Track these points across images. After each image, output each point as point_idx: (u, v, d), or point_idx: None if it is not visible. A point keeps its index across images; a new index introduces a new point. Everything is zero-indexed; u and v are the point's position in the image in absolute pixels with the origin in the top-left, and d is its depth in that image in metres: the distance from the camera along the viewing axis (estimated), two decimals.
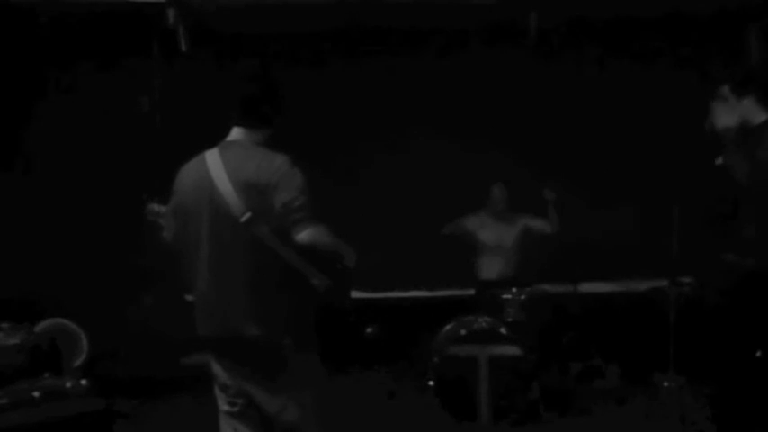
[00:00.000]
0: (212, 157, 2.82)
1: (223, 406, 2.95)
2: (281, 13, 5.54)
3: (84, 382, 4.02)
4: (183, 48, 5.51)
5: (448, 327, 5.07)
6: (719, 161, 4.15)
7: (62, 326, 5.33)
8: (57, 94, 6.02)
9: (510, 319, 5.12)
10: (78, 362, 5.32)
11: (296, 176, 2.73)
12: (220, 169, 2.76)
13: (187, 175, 2.90)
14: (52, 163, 5.88)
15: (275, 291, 2.74)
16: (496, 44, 6.10)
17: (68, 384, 3.97)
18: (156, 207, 2.99)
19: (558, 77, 6.13)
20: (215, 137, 2.94)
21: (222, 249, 2.76)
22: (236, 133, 2.90)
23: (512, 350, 4.80)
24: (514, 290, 5.25)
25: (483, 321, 4.96)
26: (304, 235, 2.67)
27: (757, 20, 5.77)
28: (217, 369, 2.92)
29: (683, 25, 5.92)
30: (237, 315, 2.75)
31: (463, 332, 4.92)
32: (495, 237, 5.83)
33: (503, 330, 4.89)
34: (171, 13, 5.36)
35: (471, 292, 5.88)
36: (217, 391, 2.97)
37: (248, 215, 2.68)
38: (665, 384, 5.28)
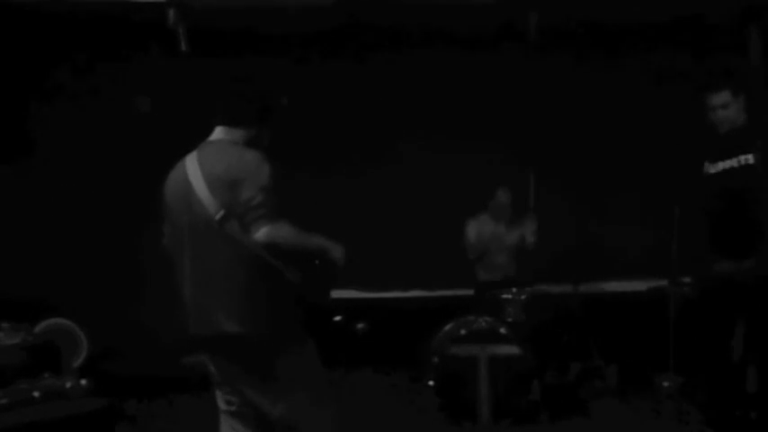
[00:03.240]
0: (191, 159, 2.83)
1: (221, 405, 2.96)
2: (280, 13, 5.54)
3: (84, 382, 4.01)
4: (183, 48, 5.51)
5: (448, 327, 5.07)
6: (709, 169, 4.18)
7: (62, 326, 5.34)
8: (57, 93, 6.02)
9: (510, 319, 5.12)
10: (78, 362, 5.33)
11: (262, 173, 2.69)
12: (197, 169, 2.77)
13: (171, 178, 2.90)
14: (52, 163, 5.89)
15: (254, 288, 2.72)
16: (496, 44, 6.09)
17: (68, 384, 3.96)
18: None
19: (558, 78, 6.12)
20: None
21: (201, 249, 2.75)
22: (216, 133, 2.89)
23: (512, 350, 4.79)
24: (514, 290, 5.25)
25: (483, 321, 4.96)
26: (260, 233, 2.65)
27: (758, 19, 5.78)
28: (211, 368, 2.92)
29: (684, 27, 5.91)
30: (220, 314, 2.73)
31: (463, 332, 4.92)
32: (495, 237, 5.83)
33: (503, 330, 4.88)
34: (171, 13, 5.36)
35: (471, 292, 5.88)
36: (216, 391, 2.97)
37: (222, 212, 2.67)
38: (665, 384, 5.29)
